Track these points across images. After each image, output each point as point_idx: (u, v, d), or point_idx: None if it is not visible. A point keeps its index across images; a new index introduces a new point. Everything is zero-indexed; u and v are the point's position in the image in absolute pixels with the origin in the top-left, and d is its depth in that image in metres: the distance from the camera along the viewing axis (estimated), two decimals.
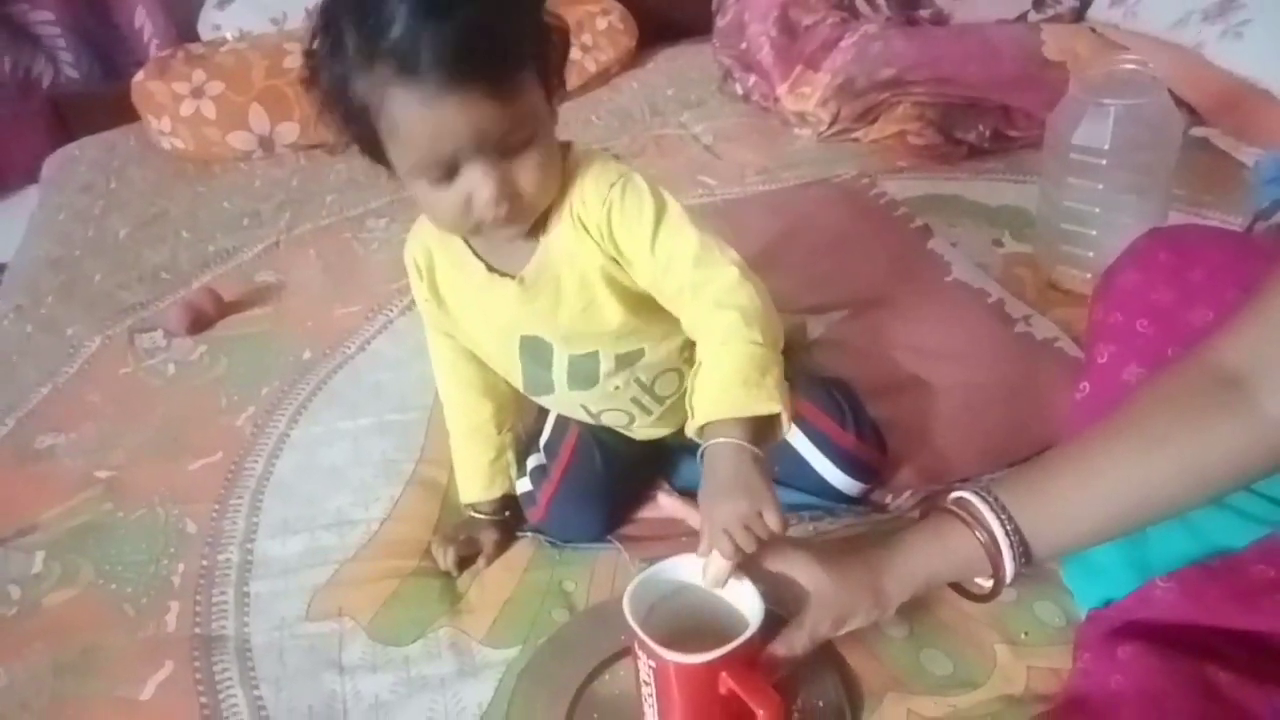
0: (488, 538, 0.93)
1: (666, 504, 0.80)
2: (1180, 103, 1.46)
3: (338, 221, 1.57)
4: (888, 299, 1.23)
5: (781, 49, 1.82)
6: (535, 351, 0.84)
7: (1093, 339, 0.85)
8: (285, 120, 1.77)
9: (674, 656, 0.64)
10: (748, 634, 0.65)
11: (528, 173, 0.71)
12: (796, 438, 0.92)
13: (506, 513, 0.95)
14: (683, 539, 0.91)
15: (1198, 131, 1.46)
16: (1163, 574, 0.71)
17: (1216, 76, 1.40)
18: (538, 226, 0.77)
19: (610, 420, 0.91)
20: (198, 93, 1.75)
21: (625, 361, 0.84)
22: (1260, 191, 1.10)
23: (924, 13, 1.68)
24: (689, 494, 0.95)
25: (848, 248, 1.35)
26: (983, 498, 0.67)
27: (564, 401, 0.90)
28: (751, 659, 0.66)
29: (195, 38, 2.05)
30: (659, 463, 0.99)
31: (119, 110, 1.91)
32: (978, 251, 1.31)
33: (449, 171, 0.69)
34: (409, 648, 0.83)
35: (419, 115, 0.66)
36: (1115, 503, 0.64)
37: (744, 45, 1.91)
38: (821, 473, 0.92)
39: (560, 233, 0.77)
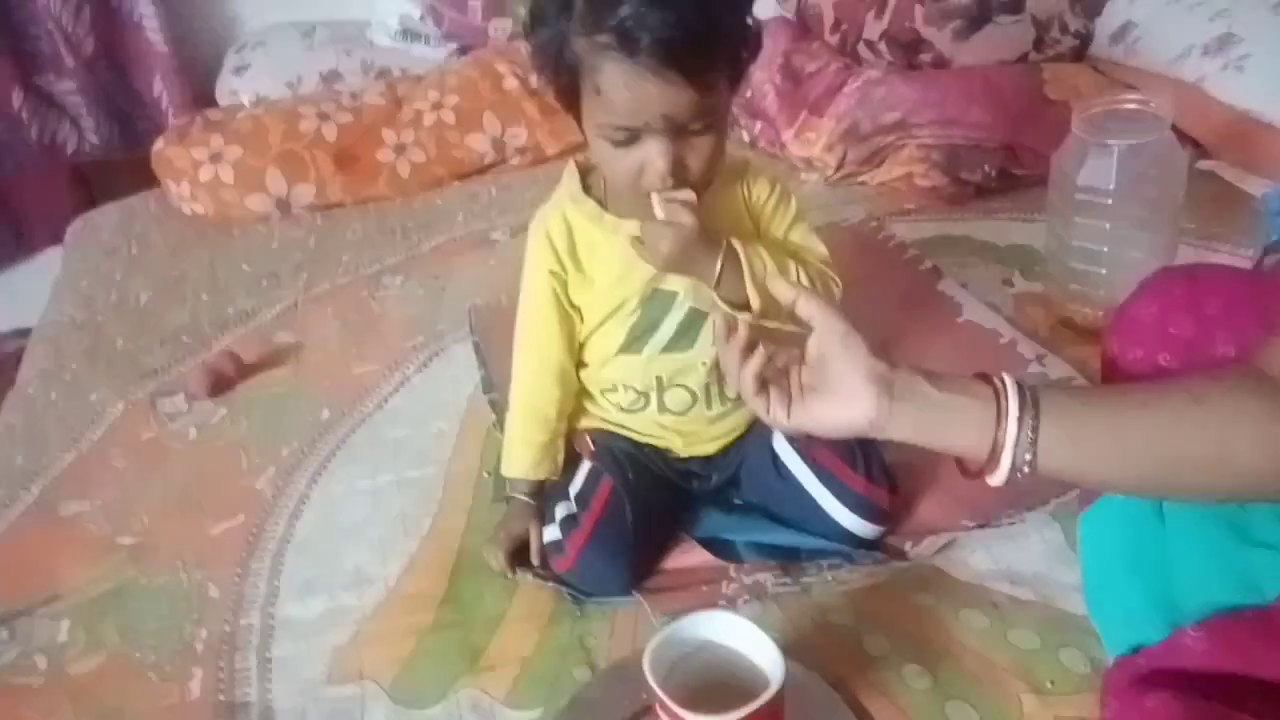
0: (533, 530, 0.96)
1: None
2: (1185, 137, 1.47)
3: (354, 280, 1.59)
4: (899, 341, 1.23)
5: (786, 95, 1.85)
6: (658, 301, 0.91)
7: (1111, 374, 0.84)
8: (301, 182, 1.80)
9: (695, 718, 0.64)
10: (770, 693, 0.64)
11: (698, 156, 0.81)
12: (809, 480, 0.94)
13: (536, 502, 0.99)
14: (704, 589, 0.92)
15: (1204, 165, 1.47)
16: (1192, 618, 0.71)
17: (1219, 110, 1.41)
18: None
19: (673, 401, 0.95)
20: (216, 158, 1.79)
21: None
22: (1270, 224, 1.10)
23: (925, 57, 1.69)
24: (710, 544, 0.97)
25: (858, 291, 1.34)
26: (1020, 393, 0.65)
27: (647, 366, 0.94)
28: (774, 718, 0.66)
29: (213, 103, 2.10)
30: (683, 514, 1.00)
31: (139, 175, 1.95)
32: (988, 291, 1.32)
33: (631, 139, 0.79)
34: (431, 709, 0.83)
35: (624, 87, 0.76)
36: (1138, 453, 0.64)
37: (749, 93, 1.94)
38: (833, 515, 0.93)
39: (719, 198, 0.89)
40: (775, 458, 0.97)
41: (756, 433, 0.99)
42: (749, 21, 0.82)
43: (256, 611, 0.97)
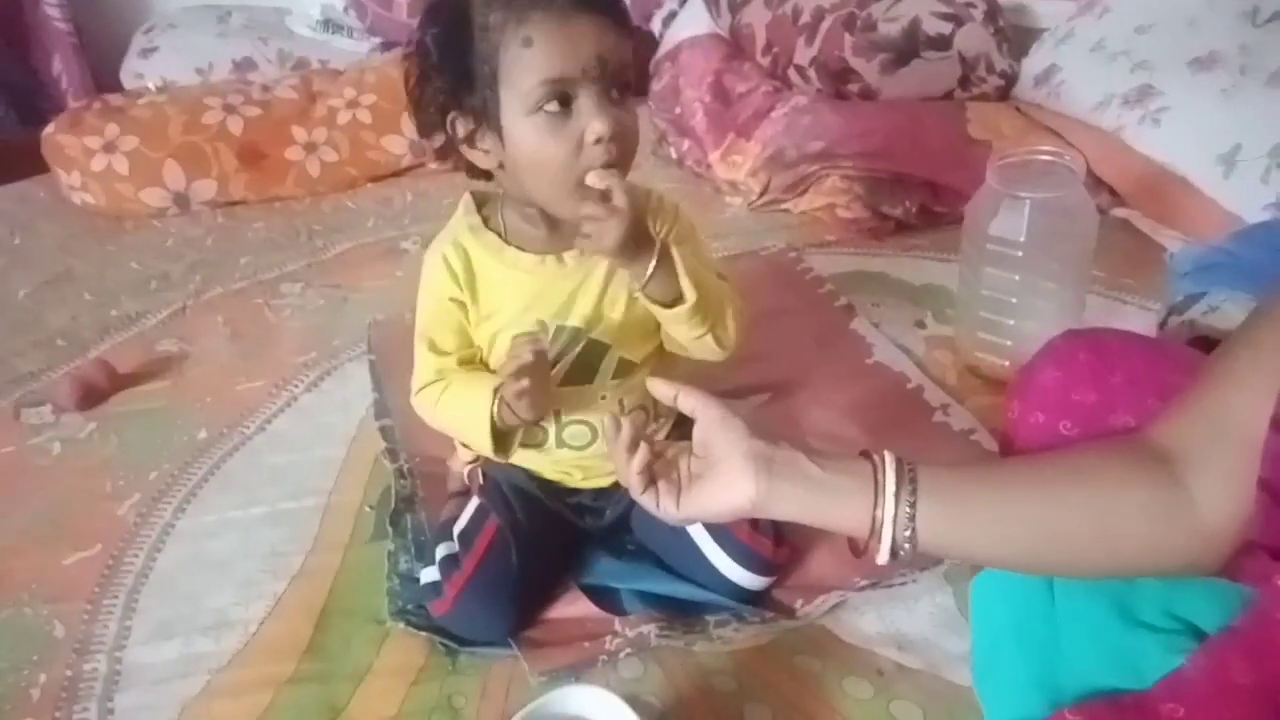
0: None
1: None
2: (1101, 184, 1.48)
3: (250, 285, 1.52)
4: (809, 382, 1.21)
5: (715, 115, 1.82)
6: (558, 335, 0.88)
7: (1011, 438, 0.83)
8: (202, 177, 1.71)
9: None
10: None
11: (630, 117, 0.79)
12: (695, 528, 0.91)
13: None
14: (585, 645, 0.88)
15: (1119, 212, 1.48)
16: (1073, 699, 0.69)
17: (1137, 161, 1.42)
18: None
19: (572, 436, 0.92)
20: (110, 147, 1.69)
21: (624, 371, 0.90)
22: (1176, 285, 1.10)
23: (853, 87, 1.68)
24: (596, 593, 0.93)
25: (772, 326, 1.33)
26: (899, 471, 0.64)
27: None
28: None
29: (118, 86, 1.99)
30: (571, 558, 0.96)
31: (39, 159, 1.83)
32: (900, 332, 1.30)
33: (565, 100, 0.76)
34: None
35: (558, 26, 0.75)
36: (1021, 531, 0.64)
37: (678, 110, 1.91)
38: (719, 566, 0.90)
39: None
40: None
41: None
42: None
43: (103, 655, 0.90)
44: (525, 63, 0.75)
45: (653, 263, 0.80)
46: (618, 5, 0.78)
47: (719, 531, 0.90)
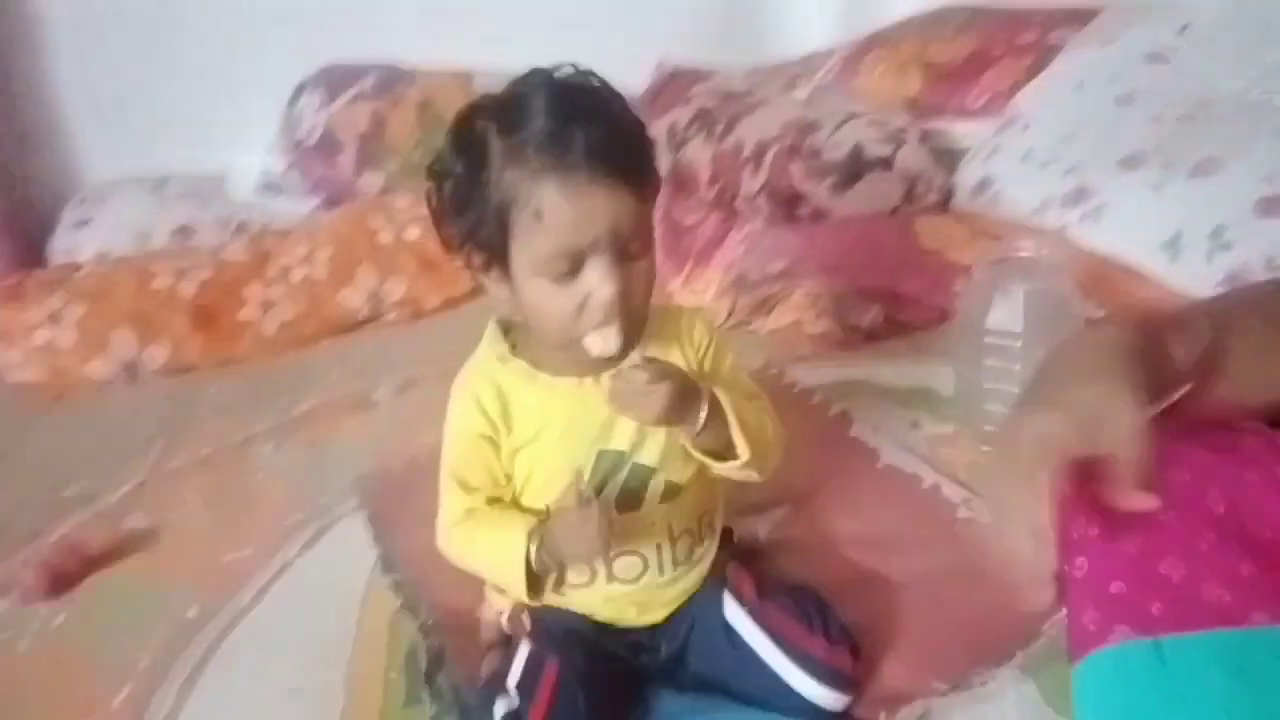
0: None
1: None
2: None
3: (217, 451, 1.43)
4: (824, 491, 1.20)
5: (669, 246, 1.86)
6: (603, 461, 0.85)
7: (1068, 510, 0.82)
8: (154, 343, 1.64)
9: None
10: None
11: (641, 280, 0.79)
12: (764, 648, 0.88)
13: None
14: None
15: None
16: None
17: (1084, 257, 1.51)
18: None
19: (623, 569, 0.87)
20: (55, 318, 1.61)
21: (670, 494, 0.87)
22: None
23: (804, 210, 1.75)
24: None
25: None
26: None
27: None
28: None
29: (43, 264, 1.91)
30: (632, 701, 0.90)
31: None
32: (898, 435, 1.31)
33: (575, 266, 0.76)
34: None
35: (568, 203, 0.74)
36: None
37: None
38: (795, 686, 0.86)
39: (654, 336, 0.86)
40: (727, 625, 0.89)
41: (706, 595, 0.91)
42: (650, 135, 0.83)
43: None
44: (534, 231, 0.76)
45: (703, 415, 0.80)
46: (637, 172, 0.78)
47: (793, 648, 0.86)
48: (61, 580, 1.12)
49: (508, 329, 0.89)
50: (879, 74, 2.06)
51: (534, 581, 0.82)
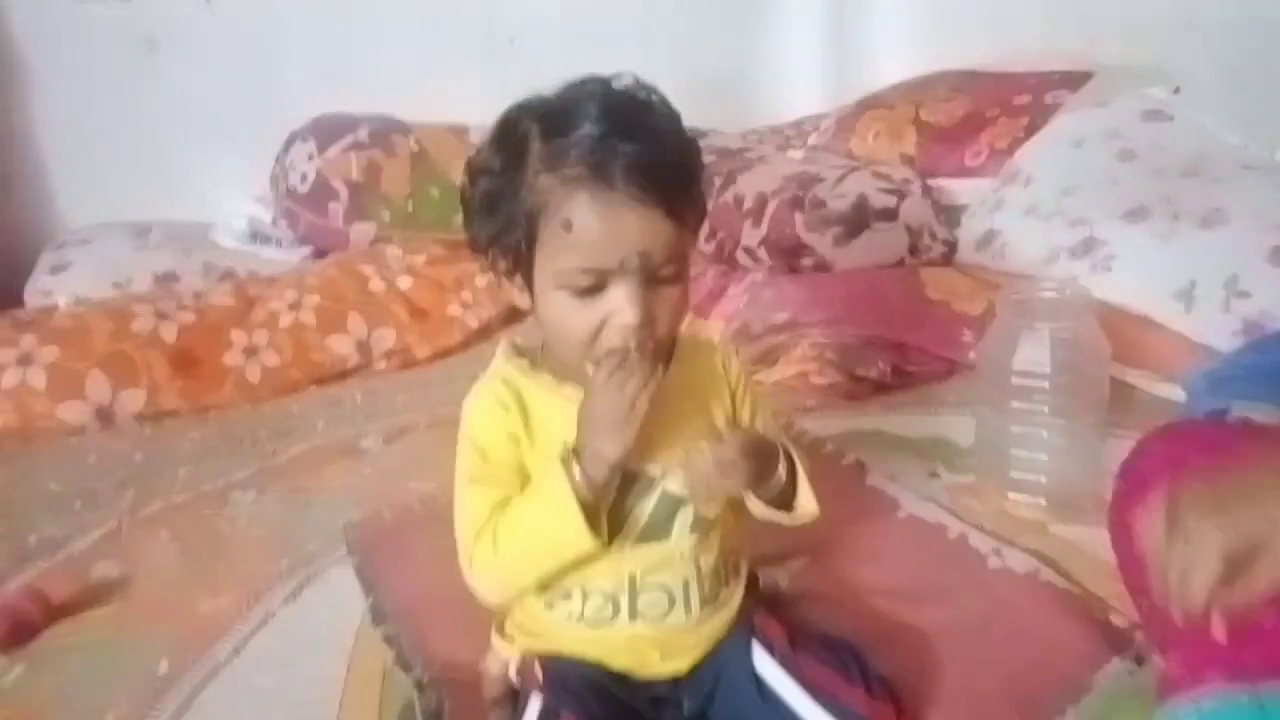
0: None
1: None
2: None
3: (194, 498, 1.35)
4: (843, 541, 1.14)
5: None
6: (631, 484, 0.79)
7: (1128, 522, 0.77)
8: (130, 387, 1.56)
9: None
10: None
11: (666, 309, 0.75)
12: (801, 702, 0.80)
13: None
14: None
15: None
16: None
17: (1096, 307, 1.48)
18: None
19: (648, 604, 0.81)
20: (26, 359, 1.53)
21: (699, 526, 0.82)
22: (1194, 404, 1.11)
23: (807, 261, 1.73)
24: None
25: None
26: None
27: (619, 561, 0.79)
28: None
29: (19, 303, 1.84)
30: None
31: None
32: (916, 485, 1.26)
33: (598, 286, 0.72)
34: None
35: (600, 219, 0.71)
36: None
37: None
38: None
39: (686, 365, 0.82)
40: (756, 677, 0.82)
41: (734, 644, 0.84)
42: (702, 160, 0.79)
43: None
44: (562, 242, 0.73)
45: (783, 474, 0.79)
46: (678, 196, 0.73)
47: (830, 701, 0.79)
48: (22, 630, 1.03)
49: (521, 352, 0.84)
50: (874, 135, 2.08)
51: (591, 516, 0.74)
